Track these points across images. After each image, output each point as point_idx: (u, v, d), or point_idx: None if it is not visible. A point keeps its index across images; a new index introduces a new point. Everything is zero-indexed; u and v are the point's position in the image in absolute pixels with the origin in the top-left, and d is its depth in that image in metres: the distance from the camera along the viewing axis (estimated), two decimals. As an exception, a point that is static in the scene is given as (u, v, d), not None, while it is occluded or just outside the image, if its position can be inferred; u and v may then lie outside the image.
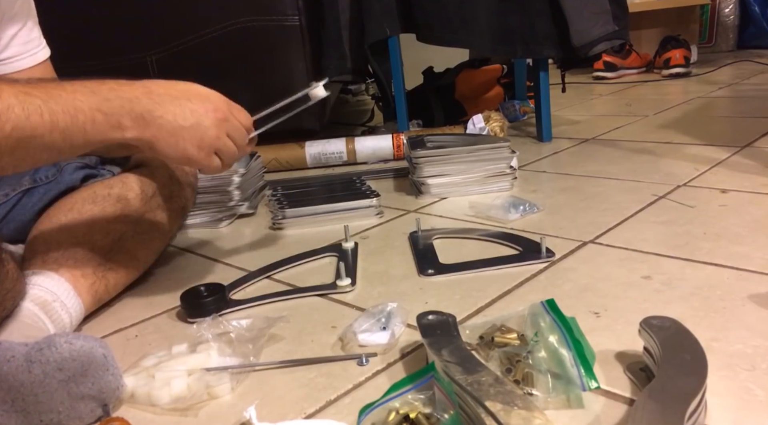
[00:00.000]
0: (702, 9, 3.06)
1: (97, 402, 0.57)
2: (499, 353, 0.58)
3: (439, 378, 0.54)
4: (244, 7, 1.50)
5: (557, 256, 0.85)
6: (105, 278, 0.82)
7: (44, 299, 0.72)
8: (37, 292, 0.72)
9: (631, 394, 0.54)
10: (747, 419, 0.50)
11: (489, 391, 0.48)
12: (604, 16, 1.42)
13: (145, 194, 0.91)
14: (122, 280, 0.85)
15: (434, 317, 0.62)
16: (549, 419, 0.45)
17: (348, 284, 0.82)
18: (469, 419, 0.51)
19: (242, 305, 0.81)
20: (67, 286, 0.75)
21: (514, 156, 1.23)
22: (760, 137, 1.39)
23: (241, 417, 0.54)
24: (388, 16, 1.56)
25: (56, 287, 0.74)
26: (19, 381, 0.54)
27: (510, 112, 1.88)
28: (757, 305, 0.67)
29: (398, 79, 1.63)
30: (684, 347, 0.53)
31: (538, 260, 0.84)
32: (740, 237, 0.86)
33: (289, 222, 1.12)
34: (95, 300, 0.80)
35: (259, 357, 0.66)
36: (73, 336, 0.56)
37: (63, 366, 0.55)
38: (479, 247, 0.93)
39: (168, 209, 0.95)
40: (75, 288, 0.76)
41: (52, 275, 0.75)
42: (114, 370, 0.58)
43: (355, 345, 0.67)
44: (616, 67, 2.72)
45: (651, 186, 1.12)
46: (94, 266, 0.81)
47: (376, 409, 0.52)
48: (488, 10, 1.49)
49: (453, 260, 0.88)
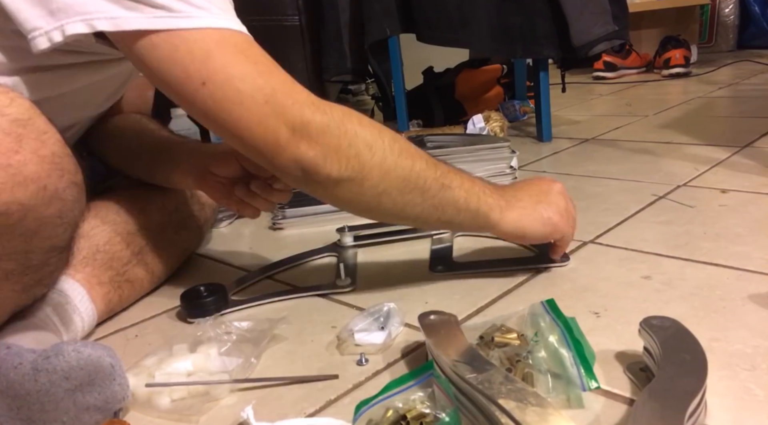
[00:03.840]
0: (702, 9, 3.06)
1: (103, 413, 0.56)
2: (499, 353, 0.58)
3: (437, 375, 0.54)
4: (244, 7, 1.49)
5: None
6: (120, 289, 0.81)
7: (57, 301, 0.71)
8: (50, 294, 0.72)
9: (631, 394, 0.54)
10: (747, 419, 0.50)
11: (501, 389, 0.48)
12: (604, 16, 1.42)
13: (166, 210, 0.91)
14: (136, 292, 0.85)
15: (436, 316, 0.62)
16: (563, 414, 0.45)
17: (348, 284, 0.82)
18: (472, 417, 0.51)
19: (242, 305, 0.81)
20: (82, 291, 0.75)
21: (514, 156, 1.23)
22: (760, 137, 1.39)
23: (239, 417, 0.54)
24: (388, 16, 1.56)
25: (71, 290, 0.74)
26: (25, 390, 0.53)
27: (510, 112, 1.88)
28: (757, 305, 0.67)
29: (398, 79, 1.63)
30: (684, 347, 0.53)
31: (555, 264, 0.83)
32: (740, 237, 0.86)
33: (289, 222, 1.12)
34: (108, 309, 0.80)
35: (259, 358, 0.66)
36: (81, 344, 0.56)
37: (70, 375, 0.54)
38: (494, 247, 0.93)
39: (187, 226, 0.95)
40: (90, 294, 0.76)
41: (68, 280, 0.75)
42: (121, 380, 0.57)
43: (352, 344, 0.67)
44: (616, 67, 2.72)
45: (651, 186, 1.12)
46: (111, 275, 0.80)
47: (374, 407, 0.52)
48: (488, 10, 1.49)
49: (468, 260, 0.88)
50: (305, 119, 0.61)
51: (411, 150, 0.68)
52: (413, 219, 0.71)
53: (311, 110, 0.62)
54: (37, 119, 0.59)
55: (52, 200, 0.60)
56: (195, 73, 0.59)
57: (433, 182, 0.68)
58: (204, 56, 0.58)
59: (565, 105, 2.14)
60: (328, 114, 0.63)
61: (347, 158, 0.63)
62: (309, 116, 0.61)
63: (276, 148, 0.61)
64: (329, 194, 0.66)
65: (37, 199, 0.58)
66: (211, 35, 0.59)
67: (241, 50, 0.61)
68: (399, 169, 0.66)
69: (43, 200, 0.59)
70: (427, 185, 0.68)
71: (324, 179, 0.63)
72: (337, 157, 0.63)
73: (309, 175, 0.63)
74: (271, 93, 0.60)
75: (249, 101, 0.60)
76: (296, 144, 0.61)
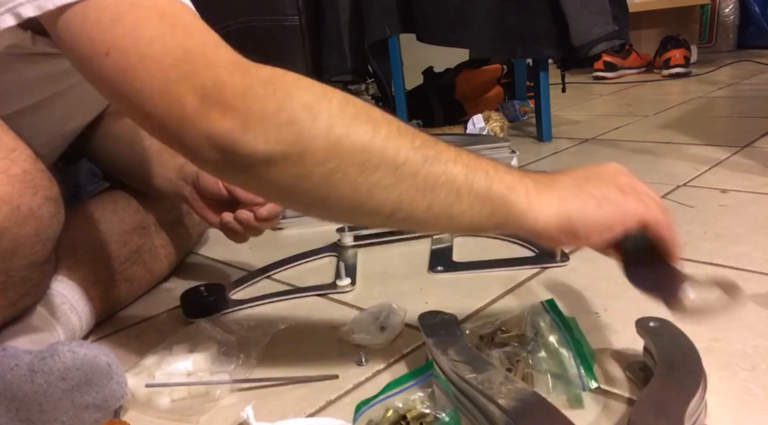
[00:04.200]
0: (702, 9, 3.06)
1: (102, 411, 0.56)
2: (499, 353, 0.58)
3: (437, 375, 0.54)
4: (244, 7, 1.49)
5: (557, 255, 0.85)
6: (118, 288, 0.81)
7: (53, 302, 0.71)
8: (46, 295, 0.72)
9: (631, 394, 0.54)
10: (747, 419, 0.50)
11: (501, 389, 0.48)
12: (604, 16, 1.42)
13: (163, 208, 0.91)
14: (135, 291, 0.85)
15: (436, 317, 0.62)
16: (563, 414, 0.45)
17: (348, 284, 0.82)
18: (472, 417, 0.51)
19: (242, 305, 0.81)
20: (79, 291, 0.75)
21: (514, 156, 1.23)
22: (760, 137, 1.39)
23: (239, 417, 0.54)
24: (388, 16, 1.56)
25: (67, 290, 0.74)
26: (22, 391, 0.54)
27: (510, 112, 1.88)
28: (757, 305, 0.67)
29: (398, 79, 1.63)
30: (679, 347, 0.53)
31: (553, 264, 0.83)
32: (740, 237, 0.86)
33: (289, 222, 1.12)
34: (107, 308, 0.80)
35: (259, 358, 0.66)
36: (76, 344, 0.56)
37: (66, 376, 0.54)
38: (494, 246, 0.93)
39: (185, 224, 0.95)
40: (87, 294, 0.76)
41: (64, 280, 0.75)
42: (118, 378, 0.57)
43: (352, 344, 0.67)
44: (616, 67, 2.71)
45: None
46: (108, 275, 0.80)
47: (374, 406, 0.52)
48: (488, 10, 1.48)
49: (468, 259, 0.88)
50: (219, 81, 0.46)
51: (374, 114, 0.49)
52: (390, 212, 0.49)
53: (229, 71, 0.47)
54: (3, 137, 0.58)
55: (27, 219, 0.58)
56: (100, 42, 0.47)
57: (410, 152, 0.48)
58: (112, 21, 0.46)
59: (565, 105, 2.14)
60: (251, 74, 0.47)
61: (277, 127, 0.46)
62: (224, 76, 0.46)
63: (181, 122, 0.46)
64: (263, 182, 0.48)
65: (11, 220, 0.57)
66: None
67: (159, 11, 0.47)
68: (354, 136, 0.47)
69: (17, 221, 0.57)
70: (401, 158, 0.48)
71: (248, 159, 0.46)
72: (262, 126, 0.46)
73: (229, 156, 0.46)
74: (182, 55, 0.46)
75: (153, 66, 0.46)
76: (205, 113, 0.46)
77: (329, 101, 0.48)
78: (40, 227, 0.61)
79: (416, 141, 0.49)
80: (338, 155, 0.47)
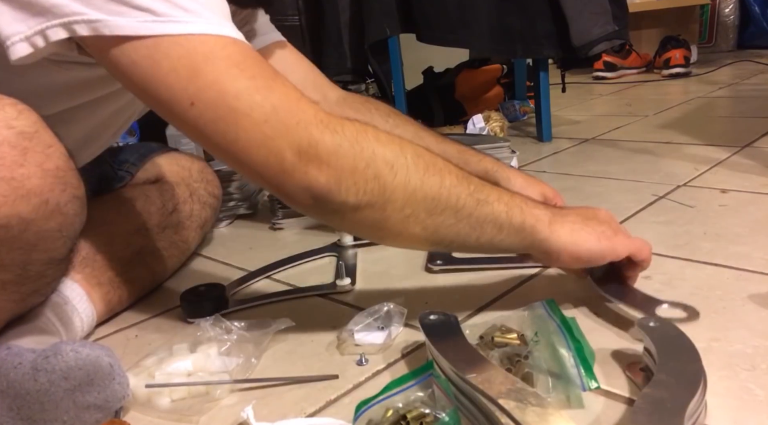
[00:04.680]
0: (702, 9, 3.06)
1: (103, 411, 0.56)
2: (499, 353, 0.58)
3: (437, 375, 0.54)
4: (244, 7, 1.49)
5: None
6: (120, 289, 0.81)
7: (56, 302, 0.71)
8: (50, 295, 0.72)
9: (631, 394, 0.54)
10: (747, 419, 0.50)
11: (501, 389, 0.48)
12: (604, 16, 1.42)
13: (166, 210, 0.91)
14: (137, 293, 0.85)
15: (436, 317, 0.62)
16: (563, 414, 0.45)
17: (348, 283, 0.82)
18: (472, 417, 0.51)
19: (242, 305, 0.81)
20: (81, 292, 0.75)
21: (514, 156, 1.23)
22: (760, 137, 1.39)
23: (239, 417, 0.54)
24: (388, 16, 1.56)
25: (70, 291, 0.74)
26: (25, 390, 0.54)
27: (510, 112, 1.88)
28: (757, 305, 0.67)
29: (398, 79, 1.63)
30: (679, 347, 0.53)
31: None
32: (740, 237, 0.86)
33: (289, 222, 1.12)
34: (108, 309, 0.80)
35: (259, 358, 0.66)
36: (79, 344, 0.56)
37: (69, 375, 0.54)
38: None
39: (187, 226, 0.95)
40: (89, 295, 0.76)
41: (67, 281, 0.75)
42: (120, 379, 0.57)
43: (352, 344, 0.67)
44: (616, 67, 2.72)
45: (651, 186, 1.12)
46: (111, 276, 0.80)
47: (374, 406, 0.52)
48: (488, 10, 1.49)
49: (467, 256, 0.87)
50: (313, 140, 0.54)
51: (438, 165, 0.60)
52: (448, 243, 0.62)
53: (319, 129, 0.54)
54: (43, 133, 0.59)
55: (53, 214, 0.59)
56: (181, 91, 0.52)
57: (467, 197, 0.60)
58: (190, 73, 0.52)
59: (565, 105, 2.14)
60: (339, 132, 0.55)
61: (365, 181, 0.56)
62: (317, 135, 0.54)
63: (281, 174, 0.54)
64: (347, 222, 0.59)
65: (38, 213, 0.57)
66: (200, 46, 0.52)
67: (235, 63, 0.53)
68: (426, 188, 0.58)
69: (44, 214, 0.58)
70: (461, 203, 0.60)
71: (339, 206, 0.56)
72: (353, 180, 0.55)
73: (322, 203, 0.56)
74: (271, 111, 0.53)
75: (245, 121, 0.53)
76: (304, 169, 0.54)
77: (405, 157, 0.58)
78: (63, 224, 0.61)
79: (471, 187, 0.61)
80: (414, 202, 0.58)
